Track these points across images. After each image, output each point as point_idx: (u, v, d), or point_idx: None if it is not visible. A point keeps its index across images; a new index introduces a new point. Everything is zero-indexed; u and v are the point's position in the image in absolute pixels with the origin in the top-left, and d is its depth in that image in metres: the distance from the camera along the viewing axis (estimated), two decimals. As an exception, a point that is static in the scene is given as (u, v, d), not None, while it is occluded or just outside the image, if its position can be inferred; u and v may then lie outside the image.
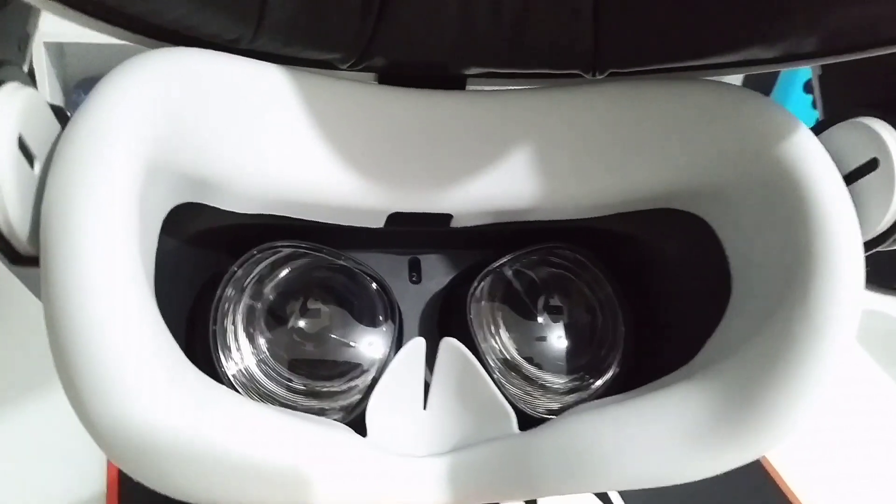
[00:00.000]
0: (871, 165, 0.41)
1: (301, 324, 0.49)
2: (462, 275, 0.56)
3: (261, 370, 0.47)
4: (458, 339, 0.46)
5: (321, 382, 0.48)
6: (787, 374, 0.37)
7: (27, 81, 0.32)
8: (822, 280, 0.38)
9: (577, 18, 0.41)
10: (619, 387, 0.51)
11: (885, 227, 0.41)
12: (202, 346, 0.44)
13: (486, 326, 0.53)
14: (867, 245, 0.40)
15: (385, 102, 0.43)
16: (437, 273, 0.56)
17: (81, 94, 1.21)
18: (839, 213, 0.39)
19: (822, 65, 0.47)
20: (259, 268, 0.48)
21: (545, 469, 0.41)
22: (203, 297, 0.46)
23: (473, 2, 0.40)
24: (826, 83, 0.48)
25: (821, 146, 0.41)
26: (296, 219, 0.44)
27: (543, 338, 0.54)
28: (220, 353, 0.44)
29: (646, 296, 0.53)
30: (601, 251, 0.54)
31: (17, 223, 0.30)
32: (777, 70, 0.42)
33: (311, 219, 0.44)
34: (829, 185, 0.40)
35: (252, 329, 0.47)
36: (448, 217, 0.46)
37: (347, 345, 0.49)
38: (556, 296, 0.55)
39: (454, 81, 0.45)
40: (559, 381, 0.53)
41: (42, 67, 1.12)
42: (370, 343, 0.50)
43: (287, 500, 0.35)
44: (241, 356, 0.46)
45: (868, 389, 0.93)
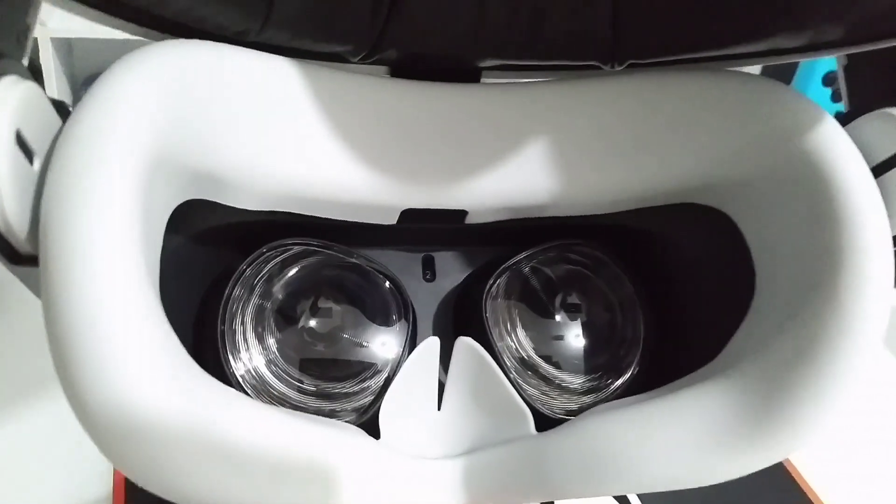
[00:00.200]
0: (900, 157, 0.41)
1: (312, 323, 0.49)
2: (477, 272, 0.55)
3: (270, 371, 0.46)
4: (474, 339, 0.46)
5: (332, 384, 0.48)
6: (814, 374, 0.36)
7: (26, 75, 0.31)
8: (851, 276, 0.37)
9: (595, 6, 0.40)
10: (639, 387, 0.50)
11: (916, 221, 0.39)
12: (211, 347, 0.44)
13: (502, 325, 0.53)
14: None
15: (397, 96, 0.42)
16: (452, 271, 0.55)
17: (90, 91, 1.21)
18: (867, 207, 0.38)
19: (848, 54, 0.46)
20: (268, 266, 0.47)
21: (563, 471, 0.40)
22: (212, 297, 0.46)
23: None
24: (852, 73, 0.47)
25: (848, 138, 0.40)
26: (306, 216, 0.43)
27: (561, 337, 0.53)
28: (229, 354, 0.44)
29: (666, 294, 0.53)
30: (620, 248, 0.54)
31: (16, 221, 0.29)
32: (801, 60, 0.42)
33: (322, 215, 0.44)
34: (857, 178, 0.39)
35: (261, 329, 0.47)
36: (463, 213, 0.46)
37: (360, 345, 0.49)
38: (574, 294, 0.54)
39: (468, 74, 0.44)
40: (577, 381, 0.52)
41: (50, 64, 1.12)
42: (383, 343, 0.49)
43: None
44: (250, 357, 0.46)
45: (891, 389, 0.92)
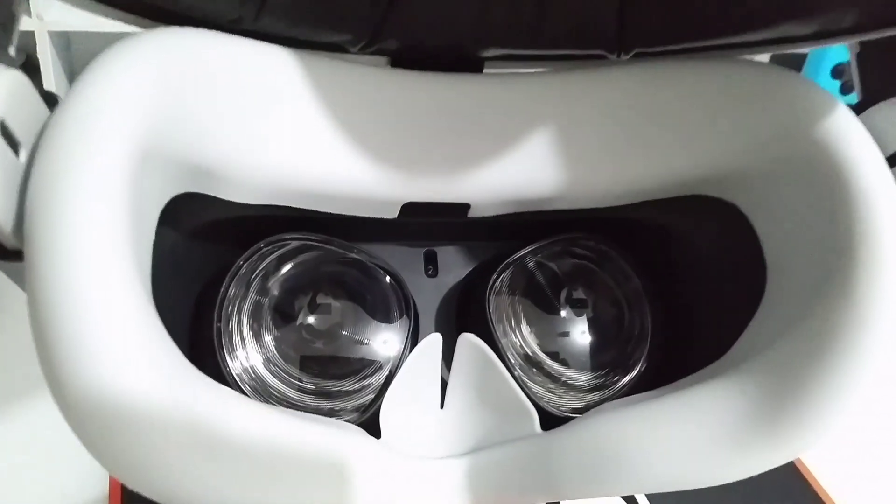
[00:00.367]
0: (916, 147, 0.40)
1: (310, 320, 0.48)
2: (480, 267, 0.55)
3: (268, 370, 0.46)
4: (477, 335, 0.46)
5: (332, 382, 0.47)
6: (829, 370, 0.36)
7: (12, 63, 0.31)
8: (866, 269, 0.36)
9: None
10: (646, 384, 0.50)
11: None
12: (208, 345, 0.43)
13: (506, 321, 0.52)
14: (912, 232, 0.39)
15: (398, 86, 0.42)
16: (455, 266, 0.55)
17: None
18: (883, 198, 0.38)
19: (861, 42, 0.45)
20: (266, 262, 0.47)
21: (569, 471, 0.40)
22: (208, 293, 0.45)
23: None
24: (864, 61, 0.47)
25: (862, 127, 0.40)
26: (304, 210, 0.43)
27: (566, 333, 0.53)
28: (225, 352, 0.44)
29: (674, 288, 0.52)
30: (627, 241, 0.53)
31: (1, 215, 0.29)
32: (812, 48, 0.41)
33: (321, 210, 0.43)
34: (872, 168, 0.38)
35: (258, 327, 0.47)
36: (466, 207, 0.45)
37: (360, 342, 0.49)
38: (580, 289, 0.54)
39: (471, 64, 0.44)
40: (583, 378, 0.52)
41: (47, 57, 1.12)
42: (384, 340, 0.49)
43: None
44: (247, 355, 0.46)
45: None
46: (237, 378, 0.44)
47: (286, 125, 0.39)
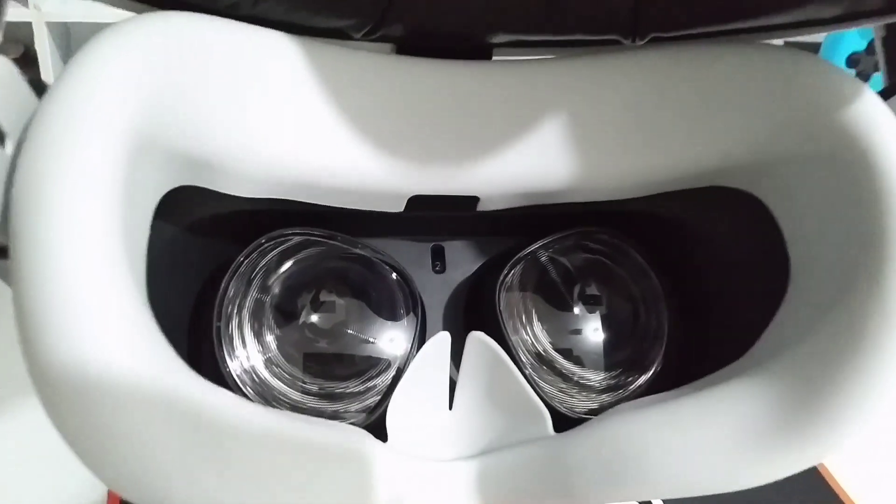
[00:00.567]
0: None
1: (313, 319, 0.48)
2: (490, 263, 0.54)
3: (269, 370, 0.46)
4: (487, 333, 0.45)
5: (336, 383, 0.47)
6: (857, 369, 0.35)
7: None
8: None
9: None
10: (663, 384, 0.48)
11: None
12: (208, 345, 0.43)
13: (517, 318, 0.52)
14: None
15: (404, 74, 0.41)
16: (463, 261, 0.54)
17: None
18: None
19: (887, 24, 0.44)
20: (267, 258, 0.47)
21: (584, 475, 0.39)
22: (208, 291, 0.45)
23: None
24: (891, 45, 0.46)
25: (891, 113, 0.38)
26: (307, 203, 0.42)
27: (579, 330, 0.53)
28: (225, 352, 0.43)
29: (692, 284, 0.51)
30: (643, 235, 0.52)
31: None
32: (836, 31, 0.41)
33: (324, 203, 0.43)
34: None
35: (259, 325, 0.46)
36: (474, 200, 0.45)
37: (365, 341, 0.48)
38: (594, 284, 0.53)
39: (479, 51, 0.43)
40: (596, 378, 0.51)
41: (45, 49, 1.12)
42: (390, 338, 0.48)
43: None
44: (248, 355, 0.45)
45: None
46: (238, 379, 0.44)
47: (287, 115, 0.38)
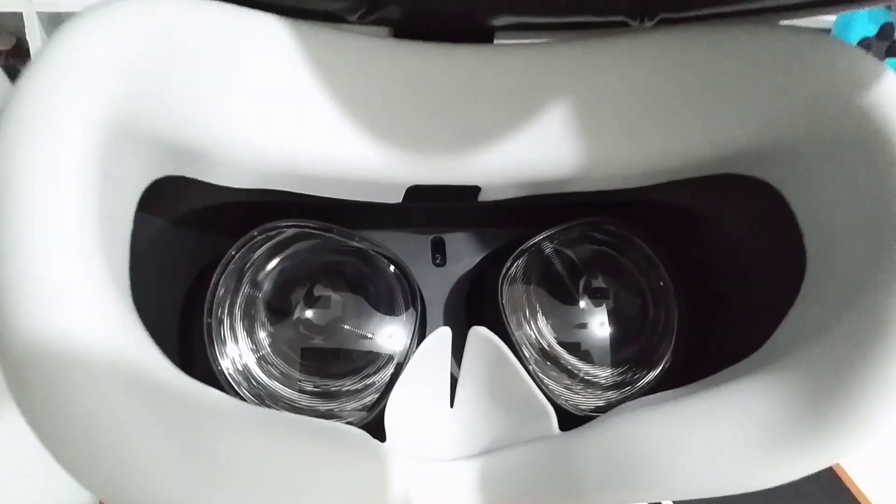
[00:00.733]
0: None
1: (308, 314, 0.47)
2: (492, 255, 0.54)
3: (262, 368, 0.45)
4: (489, 328, 0.44)
5: (333, 380, 0.46)
6: (877, 365, 0.34)
7: None
8: None
9: None
10: (673, 382, 0.48)
11: None
12: (198, 342, 0.42)
13: (521, 312, 0.51)
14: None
15: (401, 59, 0.40)
16: (464, 254, 0.54)
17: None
18: None
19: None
20: (260, 251, 0.46)
21: (591, 475, 0.38)
22: (199, 286, 0.44)
23: None
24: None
25: None
26: (300, 195, 0.42)
27: (585, 325, 0.52)
28: (216, 350, 0.43)
29: (703, 276, 0.51)
30: (651, 226, 0.52)
31: None
32: (853, 10, 0.40)
33: (319, 194, 0.42)
34: None
35: (252, 322, 0.46)
36: (475, 190, 0.44)
37: (363, 336, 0.48)
38: (600, 277, 0.53)
39: (480, 34, 0.42)
40: (603, 374, 0.51)
41: (36, 38, 1.12)
42: (389, 334, 0.48)
43: None
44: (240, 352, 0.45)
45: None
46: (230, 378, 0.43)
47: (277, 101, 0.37)
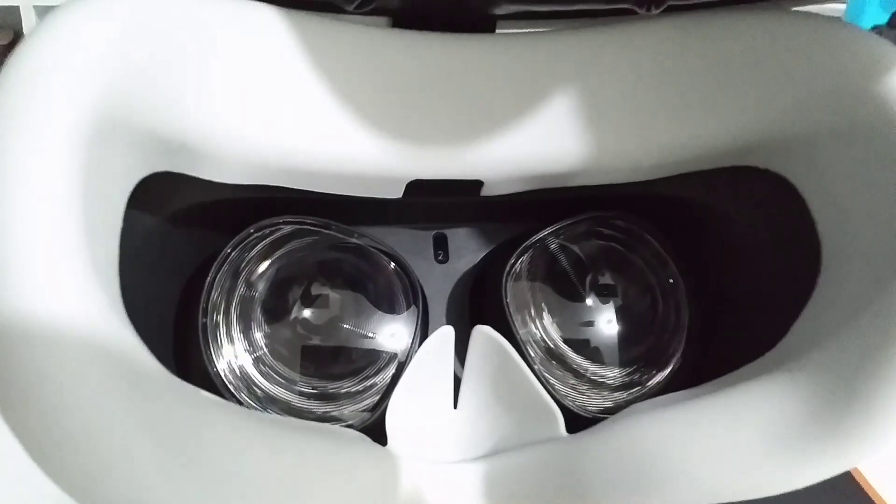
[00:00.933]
0: None
1: (307, 313, 0.47)
2: (496, 251, 0.53)
3: (259, 370, 0.45)
4: (493, 326, 0.44)
5: (332, 382, 0.46)
6: None
7: None
8: None
9: None
10: (683, 382, 0.47)
11: None
12: (193, 343, 0.42)
13: (525, 310, 0.51)
14: None
15: (401, 48, 0.40)
16: (467, 250, 0.54)
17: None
18: None
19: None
20: (256, 249, 0.46)
21: (600, 479, 0.38)
22: (194, 285, 0.44)
23: None
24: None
25: None
26: (298, 190, 0.41)
27: (592, 323, 0.51)
28: (212, 351, 0.42)
29: (715, 273, 0.50)
30: (660, 221, 0.51)
31: None
32: None
33: (316, 190, 0.42)
34: None
35: (248, 322, 0.45)
36: (478, 184, 0.44)
37: (363, 335, 0.47)
38: (608, 273, 0.52)
39: (482, 24, 0.42)
40: (611, 375, 0.50)
41: None
42: (390, 333, 0.47)
43: None
44: (236, 353, 0.44)
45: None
46: (225, 380, 0.43)
47: (272, 93, 0.37)
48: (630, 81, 0.41)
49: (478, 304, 0.52)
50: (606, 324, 0.51)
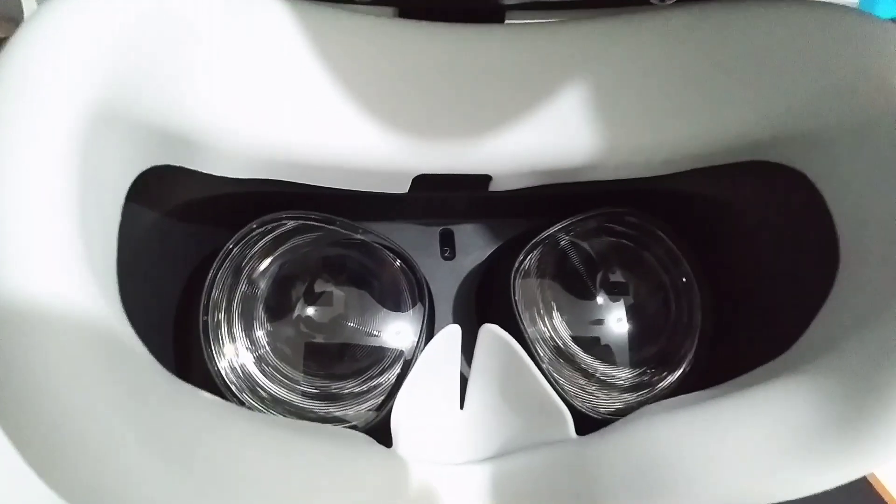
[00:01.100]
0: None
1: (309, 312, 0.47)
2: (504, 248, 0.53)
3: (261, 369, 0.44)
4: (501, 324, 0.44)
5: (336, 381, 0.46)
6: None
7: None
8: None
9: None
10: (695, 384, 0.47)
11: None
12: (195, 341, 0.42)
13: (534, 308, 0.50)
14: None
15: (408, 40, 0.40)
16: (474, 246, 0.54)
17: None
18: None
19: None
20: (259, 245, 0.45)
21: (610, 482, 0.37)
22: (194, 282, 0.44)
23: None
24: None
25: None
26: (302, 185, 0.42)
27: (602, 321, 0.51)
28: (213, 350, 0.42)
29: (729, 271, 0.50)
30: (673, 217, 0.51)
31: None
32: None
33: (321, 185, 0.42)
34: None
35: (250, 320, 0.45)
36: (486, 179, 0.44)
37: (368, 334, 0.47)
38: (619, 271, 0.52)
39: (490, 13, 0.42)
40: (622, 375, 0.50)
41: None
42: (396, 331, 0.47)
43: None
44: (237, 352, 0.44)
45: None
46: (227, 379, 0.42)
47: (277, 85, 0.37)
48: (642, 73, 0.41)
49: (485, 302, 0.52)
50: (617, 323, 0.51)
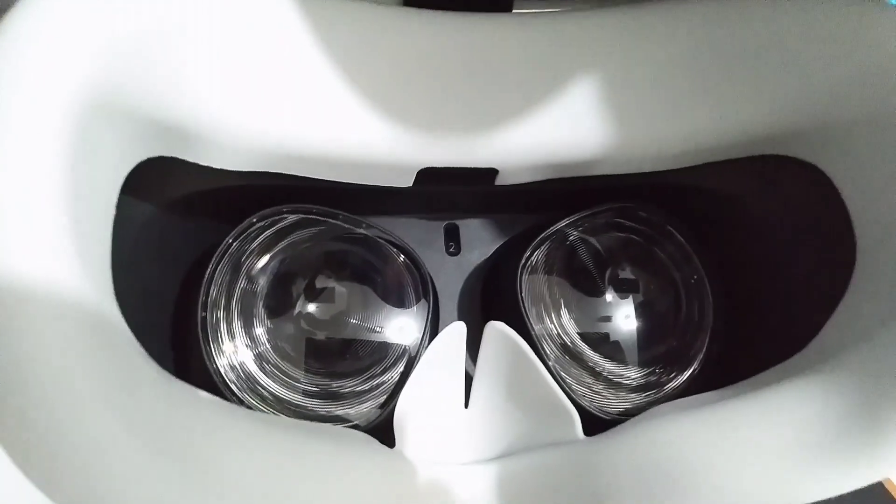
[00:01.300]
0: None
1: (311, 308, 0.47)
2: (510, 243, 0.53)
3: (261, 367, 0.44)
4: (507, 321, 0.43)
5: (338, 380, 0.45)
6: None
7: None
8: None
9: None
10: (705, 384, 0.47)
11: None
12: (194, 338, 0.42)
13: (541, 305, 0.50)
14: None
15: (412, 29, 0.39)
16: (480, 241, 0.53)
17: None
18: None
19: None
20: (258, 240, 0.45)
21: (618, 484, 0.37)
22: (193, 278, 0.44)
23: None
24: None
25: None
26: (303, 178, 0.41)
27: (610, 319, 0.51)
28: (211, 347, 0.42)
29: (742, 269, 0.50)
30: (685, 212, 0.51)
31: None
32: None
33: (322, 178, 0.42)
34: None
35: (250, 316, 0.45)
36: (493, 172, 0.43)
37: (371, 330, 0.47)
38: (628, 268, 0.52)
39: (497, 2, 0.43)
40: (631, 374, 0.50)
41: None
42: (399, 328, 0.47)
43: None
44: (236, 350, 0.44)
45: None
46: (226, 377, 0.42)
47: (277, 74, 0.37)
48: (654, 64, 0.41)
49: (491, 299, 0.51)
50: (625, 320, 0.51)
